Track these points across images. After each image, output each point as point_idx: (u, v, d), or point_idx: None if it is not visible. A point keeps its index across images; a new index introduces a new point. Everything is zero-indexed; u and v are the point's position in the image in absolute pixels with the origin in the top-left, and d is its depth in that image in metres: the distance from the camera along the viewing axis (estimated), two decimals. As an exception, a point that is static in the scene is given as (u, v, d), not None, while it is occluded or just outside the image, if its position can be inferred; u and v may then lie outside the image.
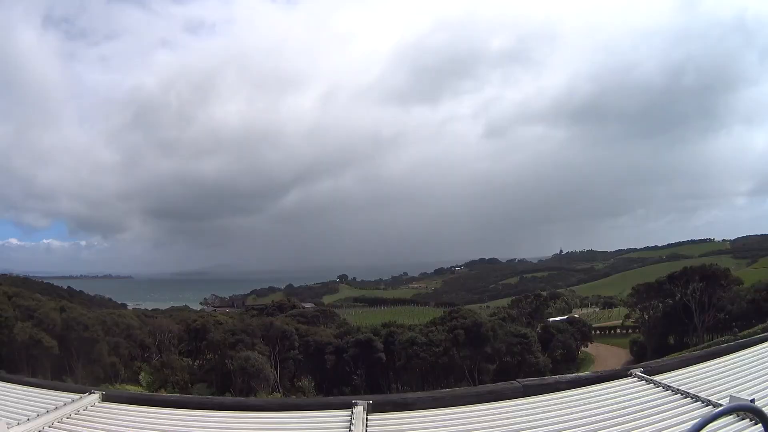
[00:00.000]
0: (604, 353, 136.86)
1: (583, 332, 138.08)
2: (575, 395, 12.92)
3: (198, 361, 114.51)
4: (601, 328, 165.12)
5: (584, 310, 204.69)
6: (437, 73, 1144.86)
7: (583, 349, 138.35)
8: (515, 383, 13.62)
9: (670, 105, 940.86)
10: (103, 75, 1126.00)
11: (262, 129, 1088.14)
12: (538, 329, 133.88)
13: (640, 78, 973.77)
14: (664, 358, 21.44)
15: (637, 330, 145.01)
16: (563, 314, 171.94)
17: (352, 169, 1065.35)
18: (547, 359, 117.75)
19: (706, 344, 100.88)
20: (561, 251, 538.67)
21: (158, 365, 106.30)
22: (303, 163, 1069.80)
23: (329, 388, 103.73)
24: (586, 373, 15.83)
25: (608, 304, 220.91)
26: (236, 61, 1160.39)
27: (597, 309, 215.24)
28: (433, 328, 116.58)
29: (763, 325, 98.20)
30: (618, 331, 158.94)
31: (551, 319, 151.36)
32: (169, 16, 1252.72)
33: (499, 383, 14.43)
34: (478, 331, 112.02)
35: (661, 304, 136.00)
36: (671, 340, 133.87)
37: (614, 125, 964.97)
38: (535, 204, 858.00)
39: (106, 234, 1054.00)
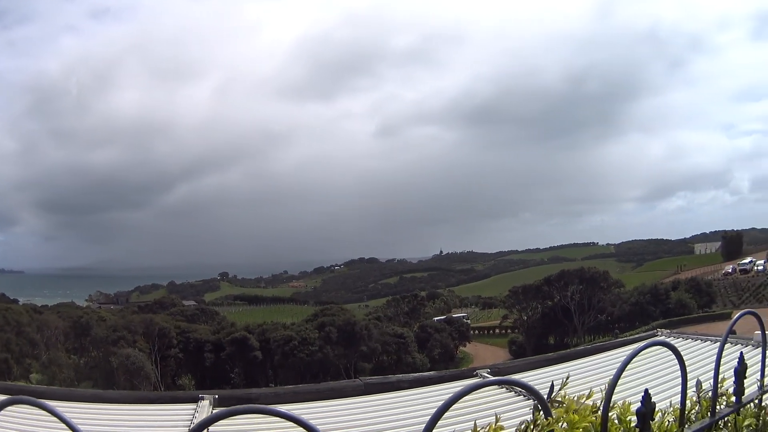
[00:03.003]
0: (483, 353, 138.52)
1: (462, 332, 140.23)
2: (416, 394, 13.54)
3: (84, 359, 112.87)
4: (480, 328, 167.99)
5: (464, 311, 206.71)
6: (336, 69, 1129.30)
7: (462, 348, 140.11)
8: (357, 381, 14.22)
9: (568, 110, 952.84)
10: (10, 60, 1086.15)
11: (156, 120, 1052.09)
12: (415, 329, 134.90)
13: (542, 83, 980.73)
14: (515, 360, 22.23)
15: (516, 330, 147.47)
16: (442, 314, 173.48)
17: (241, 164, 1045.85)
18: (424, 358, 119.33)
19: (585, 344, 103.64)
20: (441, 252, 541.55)
21: (46, 362, 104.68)
22: (192, 157, 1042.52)
23: (210, 387, 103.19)
24: (431, 373, 16.38)
25: (488, 304, 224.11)
26: (138, 49, 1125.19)
27: (477, 309, 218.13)
28: (306, 326, 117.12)
29: (646, 326, 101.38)
30: (497, 331, 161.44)
31: (436, 318, 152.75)
32: (77, 0, 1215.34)
33: (341, 381, 14.96)
34: (351, 330, 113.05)
35: (540, 306, 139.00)
36: (551, 341, 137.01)
37: (509, 128, 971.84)
38: (420, 204, 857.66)
39: (0, 227, 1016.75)
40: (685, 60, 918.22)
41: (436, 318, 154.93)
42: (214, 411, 12.05)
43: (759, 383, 4.52)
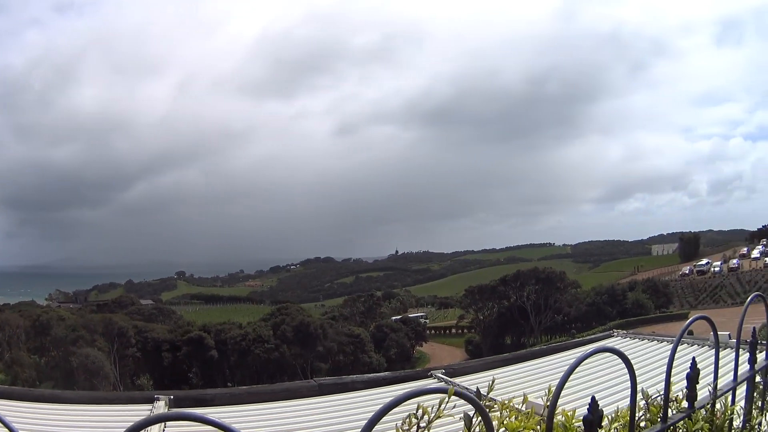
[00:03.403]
0: (440, 352, 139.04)
1: (418, 332, 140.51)
2: (370, 395, 13.51)
3: (45, 358, 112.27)
4: (436, 328, 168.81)
5: (420, 310, 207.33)
6: (296, 67, 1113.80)
7: (419, 348, 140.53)
8: (311, 382, 14.19)
9: (528, 112, 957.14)
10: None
11: (116, 116, 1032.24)
12: (371, 328, 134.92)
13: (502, 83, 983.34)
14: (470, 361, 22.19)
15: (473, 330, 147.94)
16: (399, 314, 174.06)
17: (199, 162, 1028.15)
18: (381, 358, 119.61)
19: (542, 344, 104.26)
20: (397, 252, 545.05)
21: (9, 362, 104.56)
22: (151, 154, 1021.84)
23: (169, 387, 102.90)
24: (385, 374, 16.36)
25: (444, 304, 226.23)
26: (100, 44, 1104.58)
27: (433, 309, 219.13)
28: (262, 325, 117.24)
29: (602, 326, 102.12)
30: (454, 331, 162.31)
31: (394, 318, 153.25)
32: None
33: (296, 381, 14.97)
34: (306, 330, 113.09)
35: (496, 306, 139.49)
36: (508, 340, 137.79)
37: (468, 129, 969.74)
38: (376, 204, 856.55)
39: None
40: (647, 63, 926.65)
41: (394, 318, 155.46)
42: (158, 413, 12.08)
43: (712, 387, 4.48)
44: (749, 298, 5.00)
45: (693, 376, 4.02)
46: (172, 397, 13.13)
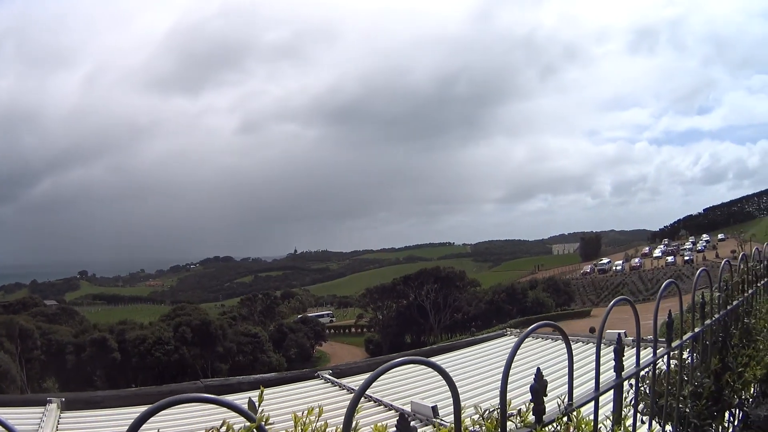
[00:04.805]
0: (341, 352, 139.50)
1: (317, 331, 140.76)
2: (255, 396, 13.31)
3: None
4: (336, 327, 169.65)
5: (320, 309, 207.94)
6: (205, 62, 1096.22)
7: (320, 348, 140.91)
8: (198, 383, 14.23)
9: (435, 112, 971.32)
10: None
11: (24, 108, 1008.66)
12: (271, 328, 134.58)
13: (410, 83, 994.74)
14: (357, 361, 22.29)
15: (373, 329, 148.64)
16: (299, 313, 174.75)
17: (104, 158, 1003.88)
18: (281, 358, 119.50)
19: (442, 342, 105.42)
20: (296, 251, 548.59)
21: None
22: (58, 149, 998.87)
23: (73, 389, 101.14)
24: (271, 374, 16.31)
25: (343, 303, 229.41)
26: (12, 34, 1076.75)
27: (333, 308, 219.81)
28: (162, 326, 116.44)
29: (503, 324, 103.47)
30: (354, 330, 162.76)
31: (300, 317, 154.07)
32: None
33: (183, 383, 14.89)
34: (206, 330, 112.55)
35: (395, 305, 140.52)
36: (408, 339, 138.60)
37: (373, 128, 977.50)
38: (276, 202, 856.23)
39: None
40: (558, 68, 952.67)
41: (299, 316, 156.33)
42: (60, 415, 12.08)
43: (565, 398, 4.32)
44: (612, 302, 4.94)
45: (538, 389, 3.80)
46: (63, 399, 13.21)
